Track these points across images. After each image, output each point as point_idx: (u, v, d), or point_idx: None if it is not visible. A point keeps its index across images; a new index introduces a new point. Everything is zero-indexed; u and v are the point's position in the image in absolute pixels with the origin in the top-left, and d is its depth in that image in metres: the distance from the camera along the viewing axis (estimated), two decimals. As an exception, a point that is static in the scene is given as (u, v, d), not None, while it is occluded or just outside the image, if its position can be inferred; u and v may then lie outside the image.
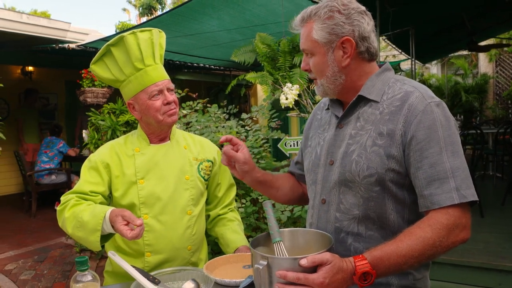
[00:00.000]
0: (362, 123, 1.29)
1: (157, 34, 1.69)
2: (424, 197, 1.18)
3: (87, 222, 1.49)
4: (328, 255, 1.05)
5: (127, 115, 4.62)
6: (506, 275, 3.10)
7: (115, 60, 1.66)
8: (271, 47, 4.36)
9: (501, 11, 6.28)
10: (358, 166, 1.25)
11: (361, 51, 1.28)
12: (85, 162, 1.72)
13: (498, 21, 7.37)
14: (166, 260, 1.68)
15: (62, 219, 1.60)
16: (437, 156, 1.16)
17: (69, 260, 4.54)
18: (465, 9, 6.01)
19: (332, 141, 1.35)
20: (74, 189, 1.65)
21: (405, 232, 1.15)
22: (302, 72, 4.18)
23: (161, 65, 1.70)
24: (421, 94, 1.22)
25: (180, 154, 1.76)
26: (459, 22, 6.61)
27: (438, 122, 1.18)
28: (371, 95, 1.29)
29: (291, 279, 1.04)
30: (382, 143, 1.23)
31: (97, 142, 4.51)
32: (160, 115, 1.65)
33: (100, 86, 5.34)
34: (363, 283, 1.07)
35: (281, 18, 5.16)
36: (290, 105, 3.46)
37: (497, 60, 11.97)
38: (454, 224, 1.13)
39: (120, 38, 1.63)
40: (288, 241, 1.30)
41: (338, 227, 1.30)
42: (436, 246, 1.11)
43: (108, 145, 1.75)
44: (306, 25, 1.31)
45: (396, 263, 1.10)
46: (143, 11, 20.36)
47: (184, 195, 1.72)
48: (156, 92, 1.64)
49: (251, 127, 3.35)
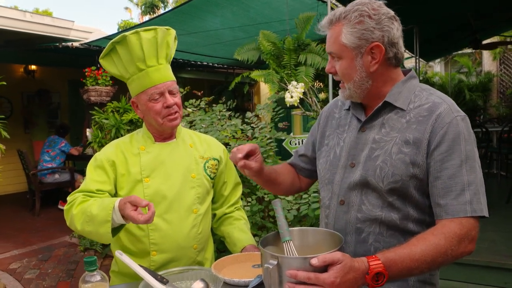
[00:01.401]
0: (387, 129, 1.29)
1: (163, 32, 1.64)
2: (440, 206, 1.21)
3: (96, 215, 1.47)
4: (339, 255, 1.04)
5: (131, 113, 4.62)
6: None
7: (119, 57, 1.64)
8: (276, 45, 4.35)
9: (507, 9, 6.24)
10: (383, 172, 1.26)
11: (389, 57, 1.28)
12: (91, 160, 1.70)
13: (503, 19, 7.32)
14: (171, 260, 1.67)
15: (70, 217, 1.59)
16: (457, 169, 1.19)
17: (74, 259, 4.54)
18: (470, 9, 5.98)
19: (353, 143, 1.35)
20: (81, 188, 1.64)
21: (418, 237, 1.16)
22: (308, 70, 4.18)
23: (165, 66, 1.67)
24: (449, 107, 1.24)
25: (186, 152, 1.74)
26: (464, 21, 6.57)
27: (462, 135, 1.21)
28: (397, 103, 1.29)
29: (302, 279, 1.03)
30: (408, 151, 1.24)
31: (100, 141, 4.50)
32: (160, 118, 1.64)
33: (103, 85, 5.33)
34: (375, 283, 1.07)
35: (285, 16, 5.15)
36: (295, 103, 3.44)
37: (501, 58, 11.91)
38: (466, 235, 1.16)
39: (123, 37, 1.61)
40: (298, 240, 1.29)
41: (360, 227, 1.30)
42: (447, 255, 1.14)
43: (114, 143, 1.74)
44: (334, 27, 1.29)
45: (408, 267, 1.11)
46: (145, 10, 20.34)
47: (190, 194, 1.70)
48: (157, 94, 1.62)
49: (257, 125, 3.34)
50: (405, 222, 1.27)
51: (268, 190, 1.57)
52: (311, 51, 4.21)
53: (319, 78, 4.32)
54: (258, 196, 2.92)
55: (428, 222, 1.28)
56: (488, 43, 8.46)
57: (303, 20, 4.30)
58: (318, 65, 4.08)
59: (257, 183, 1.50)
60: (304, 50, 4.28)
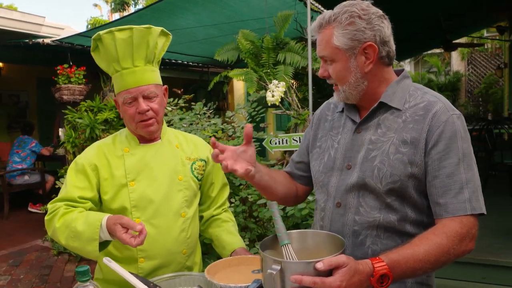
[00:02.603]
0: (383, 130, 1.28)
1: (140, 32, 1.53)
2: (439, 205, 1.21)
3: (82, 232, 1.41)
4: (344, 258, 1.03)
5: (105, 112, 4.49)
6: (489, 269, 3.17)
7: (100, 55, 1.59)
8: (255, 44, 4.32)
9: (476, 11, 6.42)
10: (381, 173, 1.24)
11: (382, 56, 1.28)
12: (72, 165, 1.62)
13: (472, 21, 7.53)
14: (160, 266, 1.60)
15: (52, 229, 1.50)
16: (455, 167, 1.20)
17: (47, 263, 4.39)
18: (441, 10, 6.11)
19: (349, 145, 1.34)
20: (62, 195, 1.55)
21: (420, 237, 1.16)
22: (287, 69, 4.16)
23: (142, 68, 1.55)
24: (444, 105, 1.24)
25: (172, 153, 1.68)
26: (435, 22, 6.72)
27: (458, 134, 1.21)
28: (393, 103, 1.28)
29: (307, 284, 1.00)
30: (406, 151, 1.23)
31: (74, 141, 4.36)
32: (134, 123, 1.57)
33: (76, 83, 5.16)
34: (380, 285, 1.06)
35: (262, 14, 5.13)
36: (277, 102, 3.42)
37: (469, 58, 12.29)
38: (467, 233, 1.17)
39: (98, 36, 1.53)
40: (296, 243, 1.26)
41: (357, 230, 1.28)
42: (450, 254, 1.14)
43: (95, 145, 1.66)
44: (324, 31, 1.27)
45: (412, 267, 1.10)
46: (115, 7, 19.92)
47: (178, 197, 1.64)
48: (129, 99, 1.54)
49: (238, 124, 3.30)
50: (402, 223, 1.26)
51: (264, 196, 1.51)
52: (290, 49, 4.20)
53: (297, 77, 4.31)
54: (242, 197, 2.88)
55: (425, 223, 1.28)
56: (459, 43, 8.70)
57: (281, 19, 4.29)
58: (298, 64, 4.08)
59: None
60: (283, 48, 4.26)
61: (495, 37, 10.90)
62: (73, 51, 5.76)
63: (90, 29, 5.89)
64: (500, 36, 9.39)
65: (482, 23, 8.32)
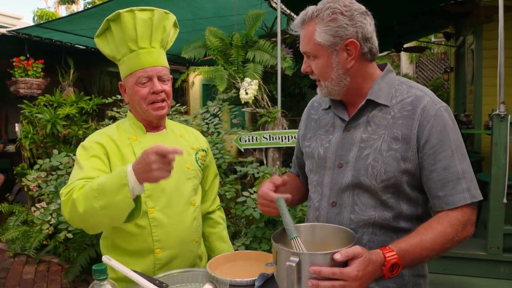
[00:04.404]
0: (373, 127, 1.31)
1: (160, 15, 1.55)
2: (439, 198, 1.25)
3: (105, 183, 1.29)
4: (359, 249, 1.07)
5: (66, 108, 4.32)
6: (450, 261, 3.37)
7: (113, 36, 1.54)
8: (224, 41, 4.30)
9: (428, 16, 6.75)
10: (375, 171, 1.27)
11: (364, 52, 1.29)
12: (80, 151, 1.52)
13: (422, 25, 7.91)
14: (175, 256, 1.59)
15: (69, 205, 1.36)
16: (450, 159, 1.24)
17: (3, 266, 4.15)
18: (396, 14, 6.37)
19: (340, 144, 1.35)
20: (80, 176, 1.42)
21: (425, 226, 1.21)
22: (256, 67, 4.18)
23: (158, 50, 1.57)
24: (431, 99, 1.28)
25: (178, 143, 1.67)
26: (389, 26, 6.99)
27: (448, 126, 1.25)
28: (380, 99, 1.31)
29: (326, 274, 1.03)
30: (398, 147, 1.26)
31: (33, 137, 4.16)
32: (145, 104, 1.54)
33: (34, 76, 4.90)
34: (391, 274, 1.11)
35: (228, 12, 5.12)
36: (250, 100, 3.45)
37: (417, 62, 12.87)
38: (468, 220, 1.23)
39: (117, 15, 1.51)
40: (304, 236, 1.28)
41: (354, 228, 1.30)
42: (454, 241, 1.20)
43: (102, 134, 1.58)
44: (307, 27, 1.29)
45: (419, 255, 1.15)
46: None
47: (187, 185, 1.63)
48: (144, 78, 1.52)
49: (211, 121, 3.29)
50: (397, 220, 1.30)
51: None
52: (259, 48, 4.21)
53: (267, 75, 4.34)
54: (219, 193, 2.88)
55: (419, 216, 1.33)
56: (412, 46, 9.10)
57: (252, 17, 4.30)
58: (267, 63, 4.10)
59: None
60: (252, 47, 4.27)
61: (441, 42, 11.49)
62: (31, 43, 5.47)
63: (49, 20, 5.60)
64: (446, 42, 9.91)
65: (431, 29, 8.75)
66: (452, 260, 3.35)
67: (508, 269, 3.25)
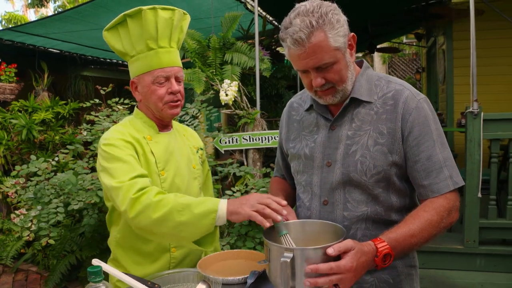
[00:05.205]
0: (358, 123, 1.33)
1: (179, 15, 1.55)
2: (424, 187, 1.30)
3: (195, 203, 1.32)
4: (351, 242, 1.10)
5: (42, 113, 4.23)
6: (429, 256, 3.46)
7: (128, 32, 1.52)
8: (201, 44, 4.31)
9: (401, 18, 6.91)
10: (364, 166, 1.30)
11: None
12: (112, 148, 1.46)
13: (395, 27, 8.09)
14: (188, 254, 1.60)
15: (142, 205, 1.34)
16: (432, 149, 1.28)
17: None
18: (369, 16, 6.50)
19: (326, 143, 1.37)
20: (133, 172, 1.40)
21: (412, 215, 1.25)
22: (234, 69, 4.20)
23: (176, 50, 1.57)
24: (411, 92, 1.32)
25: (184, 143, 1.68)
26: (362, 27, 7.13)
27: (429, 117, 1.30)
28: (363, 97, 1.34)
29: (324, 271, 1.06)
30: (384, 141, 1.30)
31: (7, 143, 4.05)
32: (162, 104, 1.53)
33: (7, 81, 4.77)
34: (383, 264, 1.14)
35: (204, 14, 5.13)
36: (230, 101, 3.46)
37: (389, 62, 13.14)
38: (453, 206, 1.28)
39: (138, 11, 1.48)
40: (294, 233, 1.30)
41: (347, 225, 1.33)
42: (440, 227, 1.24)
43: (124, 132, 1.53)
44: (315, 39, 1.21)
45: (409, 244, 1.19)
46: (32, 2, 18.64)
47: (195, 184, 1.65)
48: (163, 78, 1.51)
49: (191, 123, 3.28)
50: (389, 213, 1.34)
51: None
52: (236, 50, 4.24)
53: (244, 77, 4.37)
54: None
55: (407, 207, 1.37)
56: (384, 47, 9.28)
57: (229, 19, 4.32)
58: (245, 64, 4.13)
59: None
60: (229, 49, 4.29)
61: (412, 43, 11.76)
62: (2, 47, 5.33)
63: (22, 24, 5.49)
64: (417, 42, 10.15)
65: (403, 30, 8.96)
66: (431, 255, 3.44)
67: (484, 261, 3.36)
